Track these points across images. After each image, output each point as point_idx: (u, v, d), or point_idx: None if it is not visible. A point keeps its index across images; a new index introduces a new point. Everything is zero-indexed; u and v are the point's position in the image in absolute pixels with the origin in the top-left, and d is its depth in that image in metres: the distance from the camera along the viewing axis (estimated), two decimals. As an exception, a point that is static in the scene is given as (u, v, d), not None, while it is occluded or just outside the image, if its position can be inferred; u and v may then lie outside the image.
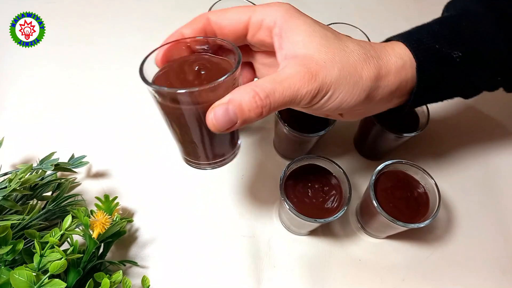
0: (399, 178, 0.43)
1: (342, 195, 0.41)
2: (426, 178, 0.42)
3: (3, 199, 0.37)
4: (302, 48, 0.29)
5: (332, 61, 0.28)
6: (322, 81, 0.28)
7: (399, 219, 0.39)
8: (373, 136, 0.49)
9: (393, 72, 0.31)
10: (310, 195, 0.41)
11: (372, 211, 0.41)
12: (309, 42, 0.29)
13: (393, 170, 0.44)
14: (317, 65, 0.28)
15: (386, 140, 0.48)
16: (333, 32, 0.30)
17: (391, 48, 0.32)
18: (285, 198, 0.39)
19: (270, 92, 0.26)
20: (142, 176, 0.50)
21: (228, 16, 0.30)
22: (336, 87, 0.29)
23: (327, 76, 0.28)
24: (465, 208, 0.51)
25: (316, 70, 0.28)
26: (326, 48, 0.29)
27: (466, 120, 0.59)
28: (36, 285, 0.31)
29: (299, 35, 0.29)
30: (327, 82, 0.28)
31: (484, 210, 0.51)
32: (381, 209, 0.39)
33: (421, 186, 0.43)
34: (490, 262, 0.47)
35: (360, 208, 0.47)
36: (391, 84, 0.31)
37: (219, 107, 0.26)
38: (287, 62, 0.29)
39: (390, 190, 0.42)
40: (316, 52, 0.28)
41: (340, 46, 0.29)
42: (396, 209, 0.41)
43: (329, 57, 0.28)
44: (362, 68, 0.29)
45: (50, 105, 0.54)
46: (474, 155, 0.56)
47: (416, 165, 0.43)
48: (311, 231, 0.47)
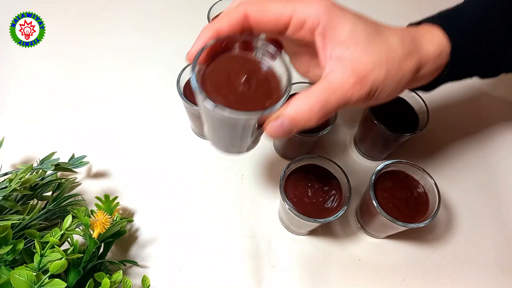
0: (399, 178, 0.44)
1: (342, 195, 0.41)
2: (426, 178, 0.42)
3: (4, 199, 0.37)
4: (347, 49, 0.29)
5: (379, 62, 0.29)
6: (371, 85, 0.29)
7: (398, 219, 0.39)
8: (373, 136, 0.49)
9: (431, 61, 0.32)
10: (310, 195, 0.41)
11: (372, 211, 0.42)
12: (354, 43, 0.29)
13: (393, 170, 0.44)
14: (365, 69, 0.28)
15: (386, 140, 0.48)
16: (374, 26, 0.30)
17: (430, 36, 0.33)
18: (285, 198, 0.39)
19: (325, 104, 0.28)
20: (142, 176, 0.50)
21: (269, 11, 0.29)
22: (383, 87, 0.29)
23: (375, 80, 0.29)
24: (465, 208, 0.51)
25: (365, 75, 0.28)
26: (372, 47, 0.29)
27: (466, 120, 0.59)
28: (37, 285, 0.31)
29: (343, 35, 0.29)
30: (376, 84, 0.29)
31: (484, 209, 0.51)
32: (381, 209, 0.39)
33: (421, 186, 0.43)
34: (490, 262, 0.47)
35: (360, 208, 0.47)
36: (428, 73, 0.33)
37: (275, 122, 0.28)
38: (334, 65, 0.29)
39: (390, 190, 0.42)
40: (363, 53, 0.29)
41: (383, 42, 0.30)
42: (396, 209, 0.41)
43: (375, 58, 0.29)
44: (405, 64, 0.30)
45: (50, 105, 0.54)
46: (474, 155, 0.56)
47: (415, 165, 0.43)
48: (311, 231, 0.47)
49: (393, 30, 0.31)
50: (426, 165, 0.52)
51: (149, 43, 0.63)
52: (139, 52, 0.62)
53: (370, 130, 0.48)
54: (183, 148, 0.52)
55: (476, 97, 0.61)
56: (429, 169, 0.43)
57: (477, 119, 0.59)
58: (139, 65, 0.61)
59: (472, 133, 0.58)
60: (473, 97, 0.61)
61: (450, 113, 0.59)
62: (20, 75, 0.56)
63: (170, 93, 0.57)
